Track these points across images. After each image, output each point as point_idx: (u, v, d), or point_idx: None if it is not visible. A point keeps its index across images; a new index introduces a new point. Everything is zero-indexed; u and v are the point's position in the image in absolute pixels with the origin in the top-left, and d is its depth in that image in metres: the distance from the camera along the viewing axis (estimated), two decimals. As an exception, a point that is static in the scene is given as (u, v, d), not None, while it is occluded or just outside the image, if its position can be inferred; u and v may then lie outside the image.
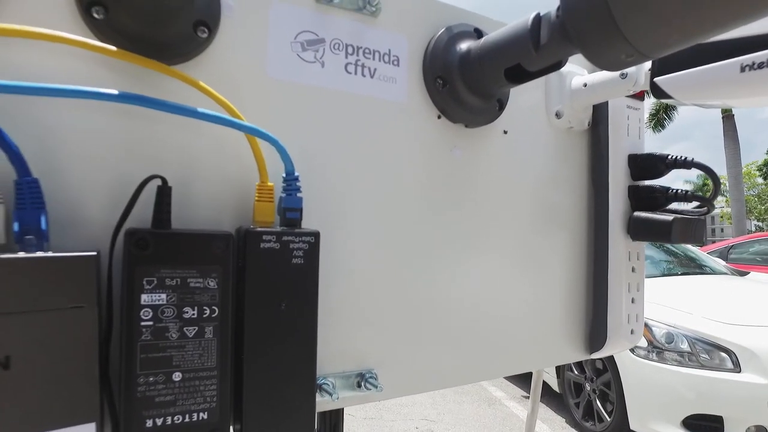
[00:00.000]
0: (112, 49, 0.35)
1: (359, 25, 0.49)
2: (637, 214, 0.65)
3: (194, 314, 0.35)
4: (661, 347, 2.33)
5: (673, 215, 0.61)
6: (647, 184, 0.67)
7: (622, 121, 0.66)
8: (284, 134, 0.42)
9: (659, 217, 0.62)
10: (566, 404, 2.94)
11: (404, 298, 0.52)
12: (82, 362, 0.32)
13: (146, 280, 0.33)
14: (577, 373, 2.86)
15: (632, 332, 0.66)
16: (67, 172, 0.36)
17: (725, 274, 3.62)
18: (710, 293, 2.91)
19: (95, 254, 0.33)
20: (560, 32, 0.40)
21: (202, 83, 0.38)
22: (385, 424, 2.91)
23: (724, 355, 2.20)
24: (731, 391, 2.10)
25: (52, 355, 0.31)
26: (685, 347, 2.28)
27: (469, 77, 0.51)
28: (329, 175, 0.48)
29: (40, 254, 0.31)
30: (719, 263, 3.94)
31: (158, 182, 0.36)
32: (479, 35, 0.54)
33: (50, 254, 0.31)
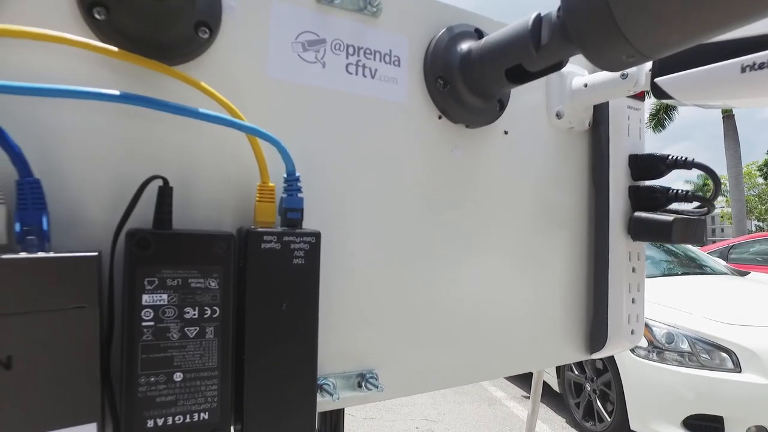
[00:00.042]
0: (113, 49, 0.35)
1: (360, 25, 0.49)
2: (637, 214, 0.65)
3: (195, 314, 0.35)
4: (661, 347, 2.33)
5: (673, 215, 0.61)
6: (648, 184, 0.67)
7: (622, 121, 0.66)
8: (285, 135, 0.42)
9: (660, 217, 0.62)
10: (566, 404, 2.94)
11: (405, 298, 0.52)
12: (83, 362, 0.32)
13: (147, 280, 0.34)
14: (577, 373, 2.86)
15: (633, 332, 0.66)
16: (67, 172, 0.36)
17: (726, 274, 3.61)
18: (710, 293, 2.91)
19: (96, 255, 0.33)
20: (561, 33, 0.40)
21: (203, 84, 0.38)
22: (385, 424, 2.91)
23: (724, 355, 2.20)
24: (731, 391, 2.10)
25: (53, 355, 0.31)
26: (685, 347, 2.28)
27: (469, 78, 0.51)
28: (330, 175, 0.48)
29: (41, 255, 0.31)
30: (719, 263, 3.94)
31: (159, 183, 0.36)
32: (480, 36, 0.54)
33: (52, 255, 0.31)
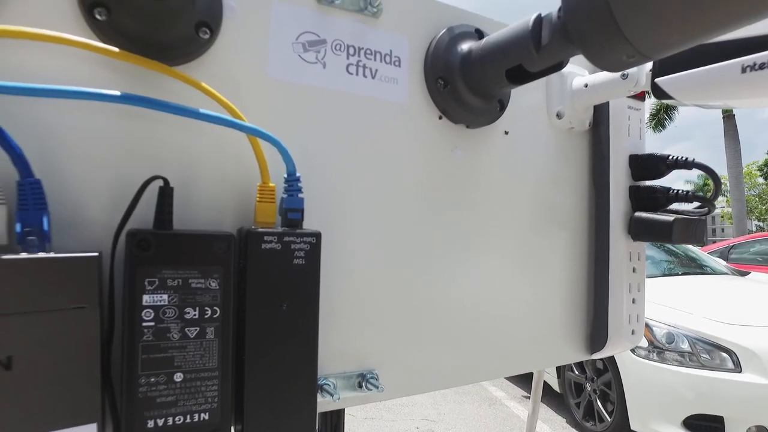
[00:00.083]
0: (114, 50, 0.35)
1: (360, 26, 0.49)
2: (638, 214, 0.65)
3: (196, 315, 0.35)
4: (661, 347, 2.33)
5: (674, 215, 0.61)
6: (648, 184, 0.67)
7: (623, 121, 0.66)
8: (286, 135, 0.42)
9: (660, 217, 0.62)
10: (567, 404, 2.94)
11: (405, 298, 0.52)
12: (83, 363, 0.32)
13: (148, 280, 0.34)
14: (577, 373, 2.86)
15: (633, 332, 0.66)
16: (68, 172, 0.36)
17: (726, 274, 3.61)
18: (711, 293, 2.91)
19: (97, 255, 0.33)
20: (561, 33, 0.40)
21: (204, 84, 0.38)
22: (385, 424, 2.91)
23: (724, 355, 2.19)
24: (732, 391, 2.10)
25: (54, 355, 0.31)
26: (685, 347, 2.28)
27: (470, 78, 0.51)
28: (331, 175, 0.48)
29: (42, 255, 0.31)
30: (720, 263, 3.94)
31: (160, 183, 0.36)
32: (480, 36, 0.54)
33: (52, 255, 0.31)
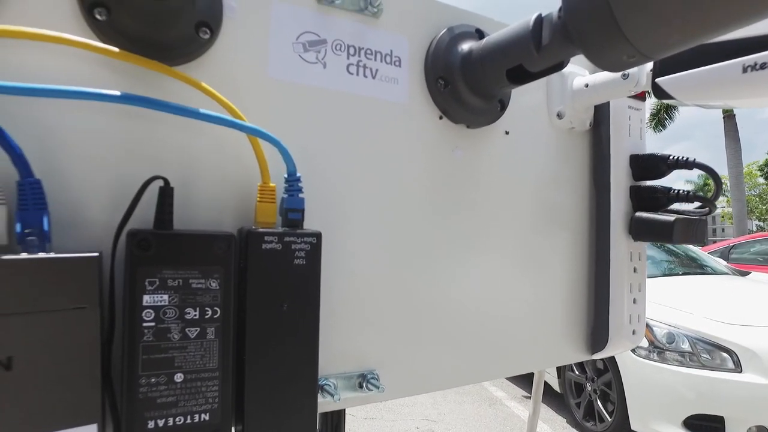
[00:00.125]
0: (114, 50, 0.35)
1: (361, 26, 0.49)
2: (638, 214, 0.65)
3: (196, 315, 0.35)
4: (662, 347, 2.33)
5: (674, 216, 0.61)
6: (649, 184, 0.67)
7: (623, 121, 0.66)
8: (286, 135, 0.42)
9: (661, 217, 0.62)
10: (567, 404, 2.94)
11: (406, 298, 0.52)
12: (84, 363, 0.32)
13: (148, 281, 0.34)
14: (578, 373, 2.86)
15: (634, 333, 0.66)
16: (68, 172, 0.36)
17: (726, 274, 3.61)
18: (711, 293, 2.90)
19: (97, 255, 0.33)
20: (562, 33, 0.40)
21: (204, 84, 0.38)
22: (385, 424, 2.91)
23: (725, 355, 2.19)
24: (732, 391, 2.10)
25: (54, 356, 0.31)
26: (686, 347, 2.28)
27: (470, 78, 0.51)
28: (331, 175, 0.48)
29: (42, 255, 0.31)
30: (720, 263, 3.93)
31: (160, 183, 0.36)
32: (481, 36, 0.54)
33: (52, 255, 0.31)
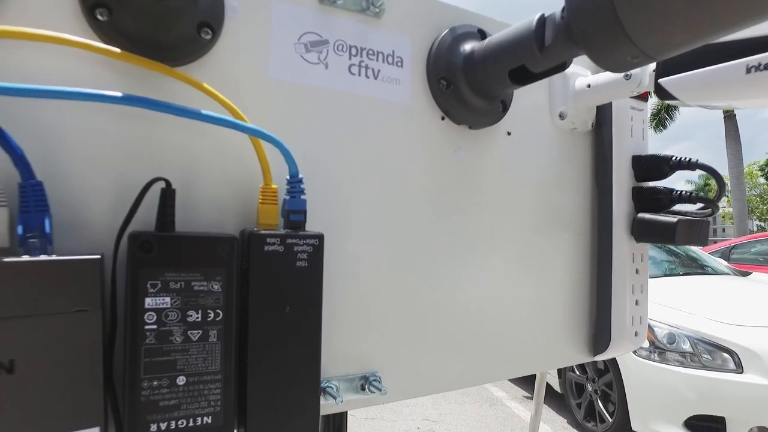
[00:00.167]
0: (115, 51, 0.35)
1: (363, 26, 0.49)
2: (641, 215, 0.64)
3: (198, 318, 0.35)
4: (663, 348, 2.33)
5: (677, 217, 0.61)
6: (651, 185, 0.67)
7: (625, 122, 0.66)
8: (288, 136, 0.42)
9: (663, 218, 0.62)
10: (568, 405, 2.94)
11: (408, 300, 0.52)
12: (86, 366, 0.32)
13: (150, 283, 0.33)
14: (578, 373, 2.85)
15: (636, 334, 0.66)
16: (69, 173, 0.36)
17: (727, 274, 3.61)
18: (712, 294, 2.90)
19: (99, 257, 0.33)
20: (565, 33, 0.40)
21: (205, 85, 0.38)
22: (386, 424, 2.90)
23: (726, 355, 2.19)
24: (733, 391, 2.09)
25: (56, 358, 0.31)
26: (687, 348, 2.28)
27: (472, 78, 0.51)
28: (333, 176, 0.47)
29: (44, 258, 0.31)
30: (721, 263, 3.93)
31: (162, 185, 0.36)
32: (483, 36, 0.53)
33: (54, 258, 0.31)
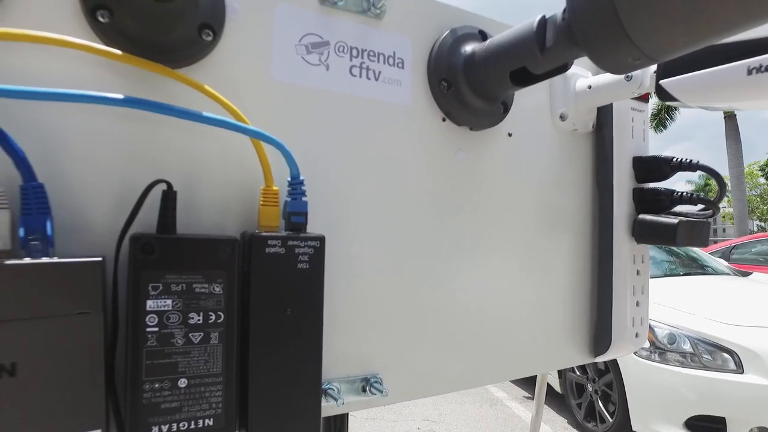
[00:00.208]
0: (117, 52, 0.35)
1: (364, 27, 0.49)
2: (641, 216, 0.64)
3: (200, 320, 0.35)
4: (663, 348, 2.33)
5: (678, 218, 0.61)
6: (652, 186, 0.67)
7: (626, 123, 0.66)
8: (289, 138, 0.42)
9: (664, 219, 0.62)
10: (568, 405, 2.94)
11: (409, 301, 0.52)
12: (87, 368, 0.32)
13: (152, 285, 0.33)
14: (579, 373, 2.85)
15: (637, 335, 0.66)
16: (70, 176, 0.36)
17: (727, 274, 3.61)
18: (712, 294, 2.90)
19: (101, 260, 0.33)
20: (566, 35, 0.40)
21: (207, 87, 0.38)
22: (386, 424, 2.90)
23: (726, 355, 2.19)
24: (734, 392, 2.09)
25: (57, 361, 0.31)
26: (687, 348, 2.28)
27: (473, 80, 0.51)
28: (334, 178, 0.47)
29: (45, 260, 0.31)
30: (721, 264, 3.93)
31: (163, 187, 0.36)
32: (484, 37, 0.53)
33: (56, 260, 0.31)
